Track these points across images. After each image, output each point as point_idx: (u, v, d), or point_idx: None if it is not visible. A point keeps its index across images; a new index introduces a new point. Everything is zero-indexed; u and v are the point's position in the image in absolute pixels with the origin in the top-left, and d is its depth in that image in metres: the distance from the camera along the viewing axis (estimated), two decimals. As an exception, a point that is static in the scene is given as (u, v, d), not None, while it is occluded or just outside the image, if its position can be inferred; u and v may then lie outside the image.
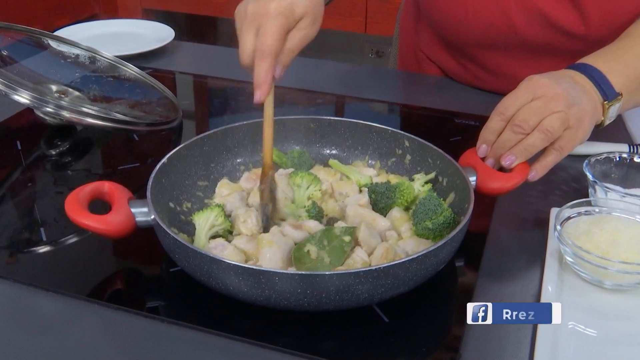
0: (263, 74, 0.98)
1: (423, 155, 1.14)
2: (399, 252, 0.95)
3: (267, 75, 0.98)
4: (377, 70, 1.82)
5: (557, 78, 1.06)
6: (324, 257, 0.92)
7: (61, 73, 1.44)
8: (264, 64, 0.98)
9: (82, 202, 0.94)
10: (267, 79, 0.99)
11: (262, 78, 0.98)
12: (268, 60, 0.98)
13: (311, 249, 0.92)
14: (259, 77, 0.98)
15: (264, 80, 0.98)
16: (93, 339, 0.89)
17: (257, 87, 0.99)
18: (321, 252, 0.93)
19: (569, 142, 1.04)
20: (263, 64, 0.98)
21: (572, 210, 1.02)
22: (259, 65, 0.98)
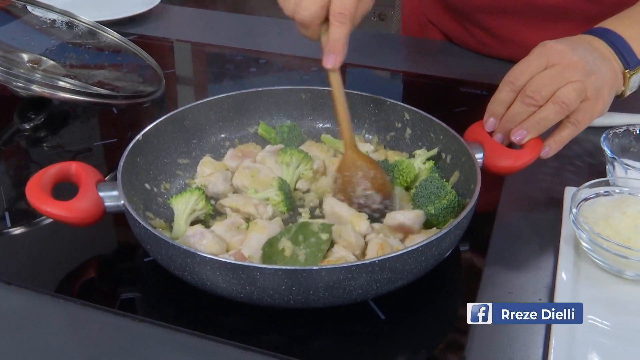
0: (343, 39, 0.91)
1: (425, 129, 1.04)
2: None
3: (345, 41, 0.91)
4: (377, 35, 1.71)
5: (574, 44, 0.96)
6: (299, 254, 0.83)
7: (35, 41, 1.34)
8: (344, 29, 0.90)
9: (45, 186, 0.84)
10: (345, 44, 0.91)
11: (341, 43, 0.91)
12: (348, 24, 0.90)
13: (286, 245, 0.83)
14: (339, 43, 0.91)
15: (342, 45, 0.91)
16: (59, 338, 0.80)
17: (332, 52, 0.91)
18: (296, 248, 0.84)
19: (586, 115, 0.95)
20: (343, 29, 0.90)
21: (589, 191, 0.92)
22: (338, 28, 0.90)
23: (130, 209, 0.81)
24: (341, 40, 0.90)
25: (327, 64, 0.92)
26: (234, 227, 0.89)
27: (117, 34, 1.39)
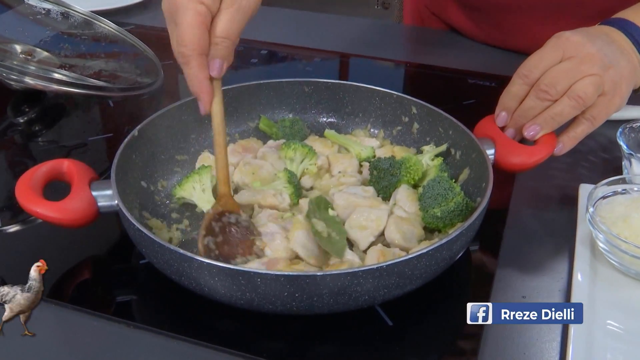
0: (195, 81, 0.78)
1: (433, 124, 1.00)
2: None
3: (200, 80, 0.78)
4: (381, 25, 1.66)
5: (591, 35, 0.92)
6: (331, 233, 0.80)
7: (29, 31, 1.30)
8: (191, 69, 0.77)
9: (36, 185, 0.81)
10: (202, 84, 0.78)
11: (196, 85, 0.78)
12: (193, 62, 0.77)
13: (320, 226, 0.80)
14: (192, 86, 0.79)
15: (199, 87, 0.78)
16: (51, 345, 0.76)
17: (196, 97, 0.80)
18: (325, 227, 0.81)
19: (602, 110, 0.91)
20: (189, 69, 0.78)
21: (606, 189, 0.88)
22: (185, 71, 0.78)
23: (125, 210, 0.77)
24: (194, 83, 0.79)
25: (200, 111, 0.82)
26: (279, 218, 0.86)
27: (113, 24, 1.34)
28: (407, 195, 0.90)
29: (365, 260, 0.81)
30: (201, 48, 0.77)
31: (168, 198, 0.94)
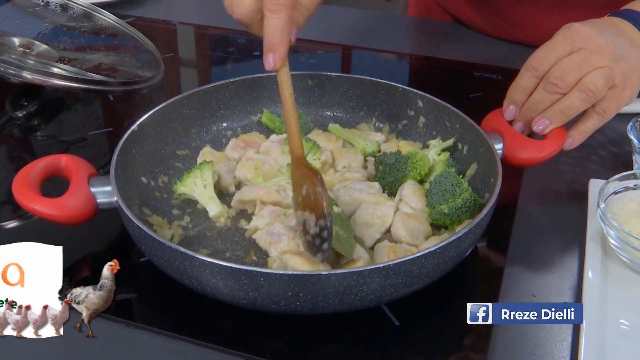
0: (278, 32, 0.75)
1: (439, 118, 0.98)
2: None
3: (284, 34, 0.75)
4: (383, 16, 1.64)
5: (600, 27, 0.90)
6: (339, 232, 0.79)
7: (27, 24, 1.28)
8: (279, 19, 0.74)
9: (33, 181, 0.79)
10: (284, 38, 0.75)
11: (277, 38, 0.75)
12: (283, 13, 0.74)
13: None
14: (272, 37, 0.76)
15: (280, 40, 0.75)
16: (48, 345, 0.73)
17: (270, 49, 0.77)
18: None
19: (613, 103, 0.89)
20: (277, 19, 0.74)
21: (618, 184, 0.86)
22: (272, 19, 0.75)
23: (124, 207, 0.75)
24: (276, 34, 0.75)
25: (265, 64, 0.78)
26: (281, 215, 0.85)
27: (113, 17, 1.32)
28: (414, 191, 0.88)
29: (374, 257, 0.80)
30: (294, 1, 0.75)
31: (169, 194, 0.92)
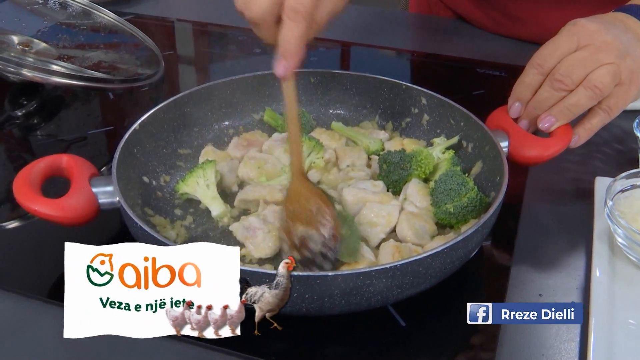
0: (295, 41, 0.74)
1: (444, 115, 0.97)
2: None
3: (300, 44, 0.74)
4: (384, 12, 1.63)
5: (606, 23, 0.89)
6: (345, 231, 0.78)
7: (26, 22, 1.27)
8: (298, 28, 0.74)
9: (34, 181, 0.78)
10: (300, 48, 0.75)
11: (294, 46, 0.74)
12: (303, 24, 0.73)
13: None
14: (290, 44, 0.74)
15: (296, 49, 0.75)
16: (52, 348, 0.73)
17: (285, 56, 0.75)
18: None
19: (619, 100, 0.88)
20: (295, 28, 0.74)
21: (625, 182, 0.85)
22: (291, 28, 0.74)
23: (127, 207, 0.74)
24: (293, 42, 0.74)
25: (277, 70, 0.77)
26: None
27: (113, 14, 1.32)
28: (418, 189, 0.87)
29: (379, 256, 0.79)
30: (313, 15, 0.74)
31: (171, 194, 0.91)
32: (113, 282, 0.64)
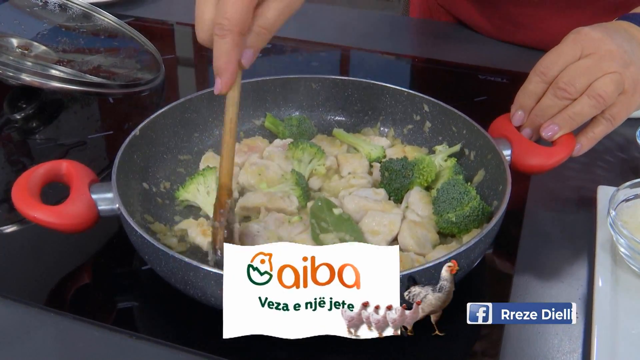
0: (224, 57, 0.72)
1: (446, 123, 0.96)
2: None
3: (230, 59, 0.72)
4: (383, 17, 1.62)
5: (610, 31, 0.88)
6: (346, 238, 0.79)
7: (25, 25, 1.26)
8: (224, 44, 0.72)
9: (33, 187, 0.77)
10: (230, 64, 0.72)
11: (223, 62, 0.72)
12: (229, 38, 0.71)
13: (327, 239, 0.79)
14: (219, 61, 0.73)
15: (225, 65, 0.72)
16: (49, 356, 0.73)
17: (217, 74, 0.74)
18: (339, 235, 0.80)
19: (622, 109, 0.87)
20: (223, 44, 0.72)
21: (629, 192, 0.84)
22: (218, 44, 0.72)
23: (127, 215, 0.73)
24: (222, 58, 0.72)
25: (215, 88, 0.75)
26: (285, 222, 0.83)
27: (113, 17, 1.31)
28: (420, 197, 0.87)
29: None
30: (242, 27, 0.72)
31: (171, 200, 0.90)
32: (272, 283, 0.64)
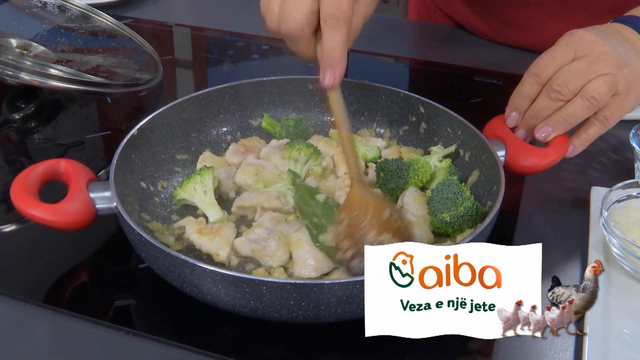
0: (339, 48, 0.73)
1: (441, 124, 0.97)
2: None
3: (344, 50, 0.74)
4: (382, 19, 1.62)
5: (604, 34, 0.89)
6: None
7: (25, 25, 1.27)
8: (340, 35, 0.73)
9: (31, 186, 0.78)
10: (344, 55, 0.74)
11: (339, 54, 0.73)
12: (344, 30, 0.73)
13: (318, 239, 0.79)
14: (335, 53, 0.73)
15: (341, 57, 0.74)
16: (47, 354, 0.74)
17: (328, 65, 0.74)
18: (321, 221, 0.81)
19: (615, 111, 0.88)
20: (338, 35, 0.73)
21: (621, 193, 0.85)
22: (333, 36, 0.73)
23: (124, 213, 0.74)
24: (337, 50, 0.73)
25: (323, 81, 0.76)
26: (282, 221, 0.84)
27: (111, 18, 1.31)
28: (415, 198, 0.88)
29: None
30: (351, 18, 0.74)
31: (168, 199, 0.91)
32: (413, 285, 0.64)
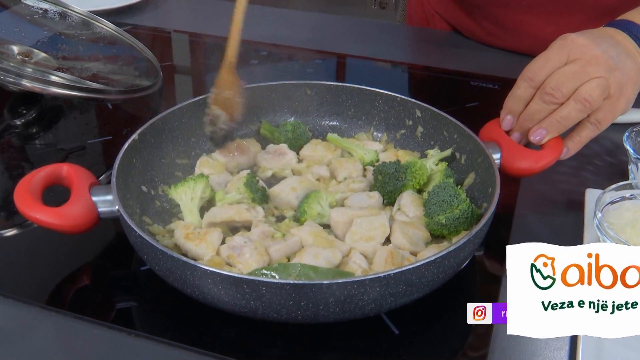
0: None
1: (437, 128, 0.98)
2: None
3: None
4: (379, 25, 1.64)
5: (596, 37, 0.90)
6: None
7: (26, 32, 1.28)
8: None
9: (35, 190, 0.79)
10: None
11: None
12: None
13: None
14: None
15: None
16: (49, 354, 0.75)
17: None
18: None
19: (608, 114, 0.89)
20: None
21: (615, 194, 0.87)
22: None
23: (126, 216, 0.75)
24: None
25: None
26: (268, 237, 0.83)
27: (112, 25, 1.32)
28: (412, 200, 0.89)
29: (374, 261, 0.80)
30: None
31: (169, 203, 0.92)
32: (555, 286, 0.64)
